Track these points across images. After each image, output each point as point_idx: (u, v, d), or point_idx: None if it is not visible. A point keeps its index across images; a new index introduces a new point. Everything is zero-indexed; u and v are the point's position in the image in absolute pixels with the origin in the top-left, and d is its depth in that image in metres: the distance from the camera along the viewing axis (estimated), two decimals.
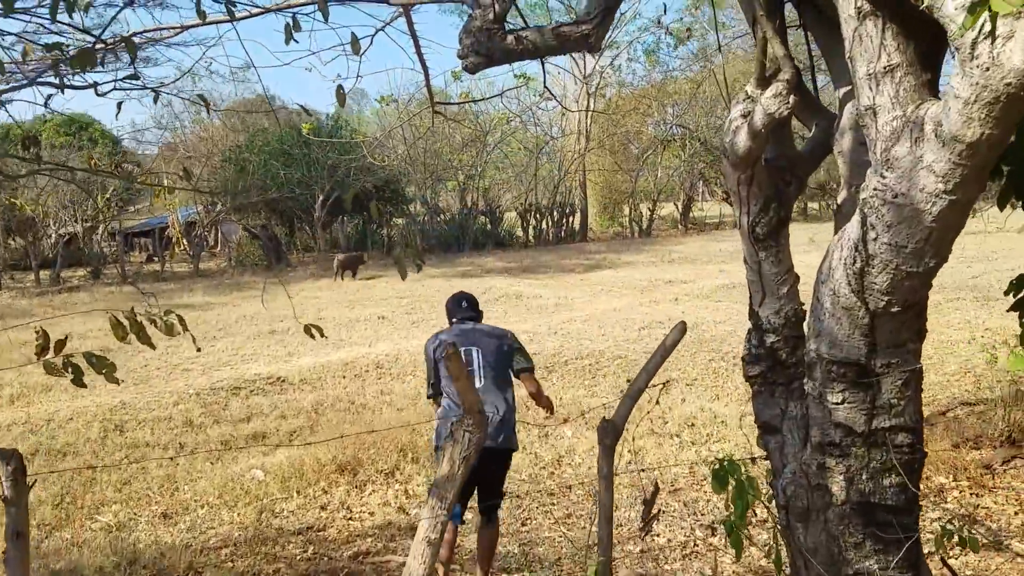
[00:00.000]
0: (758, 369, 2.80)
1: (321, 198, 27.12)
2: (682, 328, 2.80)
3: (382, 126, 31.82)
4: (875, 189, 2.12)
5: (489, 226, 29.46)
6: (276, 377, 9.84)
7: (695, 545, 5.14)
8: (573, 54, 29.29)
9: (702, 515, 5.50)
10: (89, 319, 14.83)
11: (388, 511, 5.84)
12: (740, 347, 9.85)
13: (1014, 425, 5.50)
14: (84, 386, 2.08)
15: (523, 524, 5.73)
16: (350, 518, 5.77)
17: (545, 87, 3.67)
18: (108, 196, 28.77)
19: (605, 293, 15.33)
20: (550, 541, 5.41)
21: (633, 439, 7.49)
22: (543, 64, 3.78)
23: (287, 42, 2.35)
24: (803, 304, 2.76)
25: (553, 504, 6.07)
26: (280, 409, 8.60)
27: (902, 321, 2.34)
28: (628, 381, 9.14)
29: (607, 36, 2.50)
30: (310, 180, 27.42)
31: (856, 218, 2.23)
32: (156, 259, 28.54)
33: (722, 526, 5.21)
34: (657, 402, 3.50)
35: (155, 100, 2.73)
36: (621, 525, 5.52)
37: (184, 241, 28.63)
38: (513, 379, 4.65)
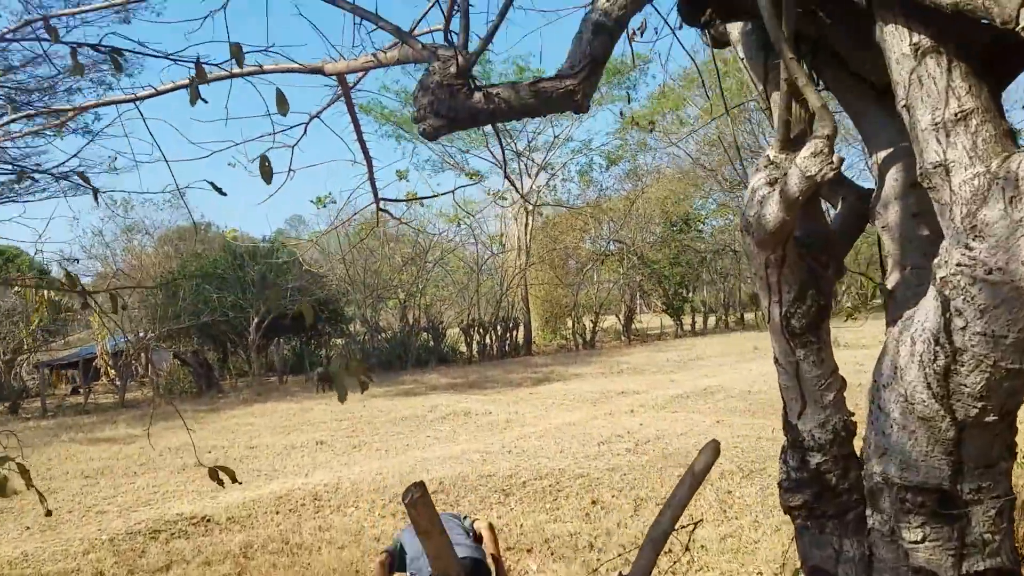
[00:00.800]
0: (801, 498, 2.25)
1: (256, 320, 26.17)
2: (715, 448, 2.25)
3: (322, 248, 31.48)
4: (959, 265, 1.66)
5: (432, 342, 28.79)
6: (201, 516, 8.80)
7: None
8: (510, 174, 29.86)
9: None
10: None
11: None
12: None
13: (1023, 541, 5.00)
14: None
15: None
16: None
17: (506, 175, 3.22)
18: (33, 327, 27.30)
19: (556, 407, 14.72)
20: None
21: (607, 571, 6.78)
22: (503, 152, 3.36)
23: (192, 102, 1.86)
24: (852, 414, 2.25)
25: None
26: (204, 554, 7.60)
27: (995, 433, 1.85)
28: (593, 503, 8.44)
29: (593, 94, 2.05)
30: (244, 303, 26.57)
31: (932, 303, 1.76)
32: (81, 391, 26.82)
33: None
34: (687, 548, 2.87)
35: (18, 180, 2.19)
36: None
37: (111, 371, 27.10)
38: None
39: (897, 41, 1.75)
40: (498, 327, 29.28)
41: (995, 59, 1.84)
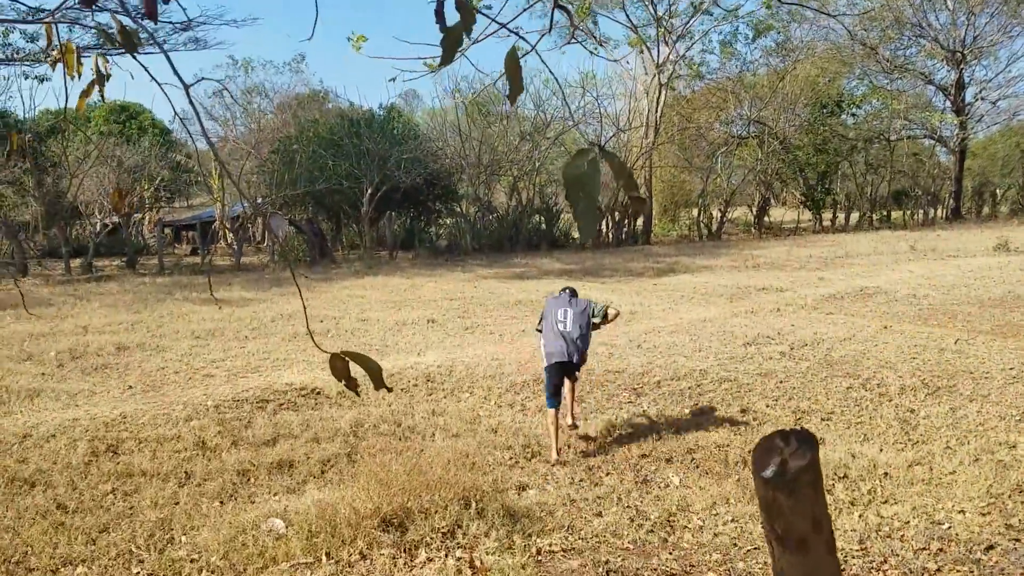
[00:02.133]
0: None
1: (369, 191, 25.68)
2: None
3: (435, 127, 30.43)
4: None
5: (544, 226, 27.71)
6: (311, 388, 8.27)
7: None
8: (645, 43, 27.30)
9: None
10: (113, 312, 13.54)
11: None
12: (882, 372, 7.88)
13: None
14: None
15: None
16: None
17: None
18: (155, 186, 27.88)
19: (687, 301, 13.47)
20: None
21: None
22: None
23: None
24: None
25: None
26: (313, 429, 7.01)
27: None
28: (743, 411, 7.29)
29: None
30: (359, 172, 26.06)
31: None
32: (199, 252, 27.53)
33: None
34: None
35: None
36: None
37: (229, 234, 27.56)
38: (590, 330, 6.76)
39: None
40: (616, 212, 27.79)
41: None
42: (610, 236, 27.70)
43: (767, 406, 7.31)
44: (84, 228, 25.64)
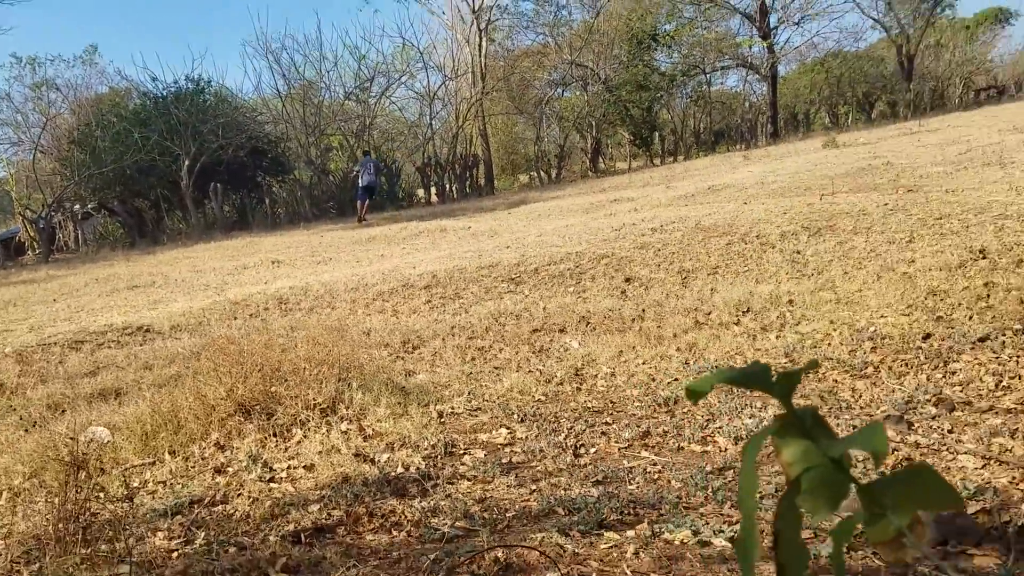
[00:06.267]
0: None
1: (187, 164, 23.36)
2: None
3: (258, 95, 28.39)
4: None
5: (387, 185, 26.52)
6: (136, 326, 7.01)
7: None
8: None
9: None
10: None
11: (339, 460, 3.34)
12: (759, 226, 7.64)
13: None
14: None
15: (576, 454, 3.37)
16: (271, 479, 3.25)
17: None
18: None
19: (544, 218, 13.00)
20: (640, 472, 3.09)
21: (674, 335, 5.25)
22: None
23: None
24: None
25: (608, 423, 3.76)
26: (143, 359, 5.86)
27: None
28: (627, 280, 6.83)
29: None
30: (173, 146, 23.58)
31: None
32: (6, 267, 24.12)
33: None
34: None
35: None
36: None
37: (36, 244, 24.42)
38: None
39: None
40: (456, 166, 27.03)
41: None
42: (454, 191, 26.94)
43: (651, 272, 6.90)
44: None
